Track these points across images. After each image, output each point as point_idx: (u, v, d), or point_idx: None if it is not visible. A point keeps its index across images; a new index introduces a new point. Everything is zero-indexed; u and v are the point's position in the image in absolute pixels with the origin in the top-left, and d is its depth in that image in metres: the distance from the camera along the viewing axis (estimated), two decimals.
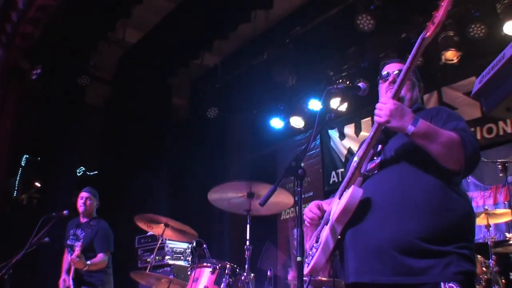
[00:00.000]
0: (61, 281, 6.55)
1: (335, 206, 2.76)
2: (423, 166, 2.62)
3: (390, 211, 2.57)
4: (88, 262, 6.23)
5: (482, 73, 2.28)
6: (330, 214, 2.81)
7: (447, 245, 2.45)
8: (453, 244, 2.45)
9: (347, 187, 2.75)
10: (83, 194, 6.86)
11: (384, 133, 2.81)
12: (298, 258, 2.53)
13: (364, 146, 2.80)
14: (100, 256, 6.47)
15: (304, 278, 2.60)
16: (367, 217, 2.61)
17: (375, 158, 2.82)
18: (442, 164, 2.53)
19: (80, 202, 6.82)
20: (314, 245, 2.84)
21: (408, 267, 2.44)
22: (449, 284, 2.38)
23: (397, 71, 2.96)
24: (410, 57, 2.61)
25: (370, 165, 2.79)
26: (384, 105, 2.58)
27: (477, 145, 2.58)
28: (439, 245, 2.44)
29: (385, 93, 2.97)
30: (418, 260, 2.43)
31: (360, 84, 3.04)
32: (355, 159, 2.84)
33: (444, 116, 2.74)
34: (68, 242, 6.71)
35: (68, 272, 6.55)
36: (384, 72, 3.05)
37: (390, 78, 2.96)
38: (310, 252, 2.85)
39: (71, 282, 6.33)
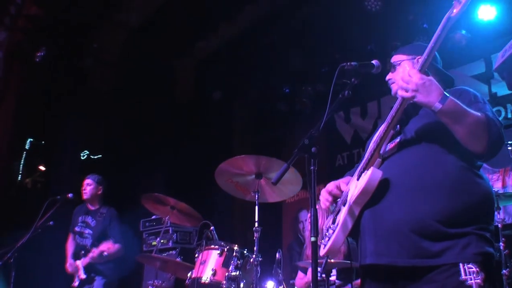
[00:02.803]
0: (68, 265, 6.59)
1: (353, 187, 2.70)
2: (444, 147, 2.56)
3: (409, 193, 2.51)
4: (105, 254, 6.30)
5: (505, 47, 2.22)
6: (347, 195, 2.76)
7: (467, 226, 2.41)
8: (472, 226, 2.41)
9: (366, 168, 2.69)
10: (85, 181, 6.92)
11: (404, 113, 2.73)
12: (312, 239, 2.47)
13: (384, 126, 2.72)
14: (117, 246, 6.49)
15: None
16: (386, 198, 2.56)
17: (394, 138, 2.74)
18: (465, 145, 2.46)
19: (82, 189, 6.87)
20: (331, 226, 2.79)
21: (426, 250, 2.40)
22: (468, 265, 2.34)
23: (398, 61, 2.96)
24: (435, 35, 2.50)
25: (390, 146, 2.73)
26: (411, 79, 2.44)
27: (502, 129, 2.50)
28: (458, 227, 2.40)
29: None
30: (436, 243, 2.39)
31: (373, 62, 2.97)
32: (374, 139, 2.78)
33: (468, 98, 2.63)
34: (76, 228, 6.76)
35: (74, 256, 6.58)
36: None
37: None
38: (327, 234, 2.79)
39: (81, 270, 6.38)
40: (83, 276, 6.37)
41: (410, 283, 2.45)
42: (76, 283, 6.41)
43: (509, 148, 5.40)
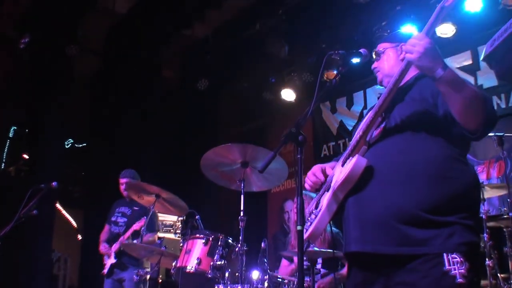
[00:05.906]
0: (102, 247, 6.73)
1: (338, 173, 2.69)
2: (429, 134, 2.54)
3: (394, 180, 2.49)
4: (134, 241, 6.22)
5: (494, 37, 2.19)
6: (331, 180, 2.74)
7: (451, 215, 2.38)
8: (457, 214, 2.39)
9: (351, 154, 2.67)
10: (121, 180, 6.98)
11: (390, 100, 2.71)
12: (298, 227, 2.45)
13: (371, 113, 2.69)
14: (149, 235, 6.48)
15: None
16: (371, 186, 2.54)
17: (380, 125, 2.71)
18: (460, 121, 2.41)
19: (122, 188, 6.94)
20: (313, 211, 2.78)
21: (411, 238, 2.38)
22: (452, 255, 2.32)
23: (382, 49, 2.96)
24: (428, 24, 2.45)
25: (375, 132, 2.70)
26: (419, 42, 2.38)
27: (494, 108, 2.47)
28: (443, 215, 2.37)
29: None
30: (420, 231, 2.37)
31: (361, 50, 2.95)
32: (361, 126, 2.76)
33: None
34: (112, 218, 6.89)
35: (107, 241, 6.74)
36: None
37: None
38: (309, 218, 2.78)
39: (113, 256, 6.52)
40: (113, 260, 6.46)
41: (394, 271, 2.44)
42: (105, 270, 6.53)
43: (495, 139, 5.42)
